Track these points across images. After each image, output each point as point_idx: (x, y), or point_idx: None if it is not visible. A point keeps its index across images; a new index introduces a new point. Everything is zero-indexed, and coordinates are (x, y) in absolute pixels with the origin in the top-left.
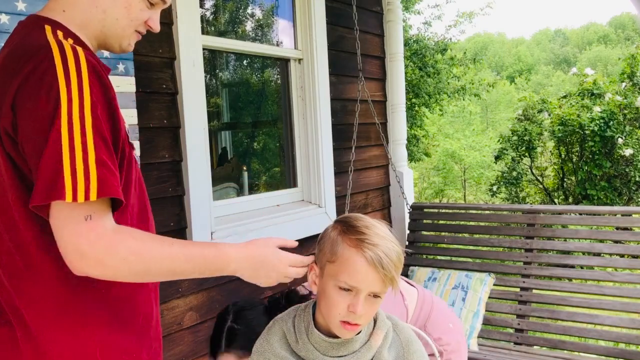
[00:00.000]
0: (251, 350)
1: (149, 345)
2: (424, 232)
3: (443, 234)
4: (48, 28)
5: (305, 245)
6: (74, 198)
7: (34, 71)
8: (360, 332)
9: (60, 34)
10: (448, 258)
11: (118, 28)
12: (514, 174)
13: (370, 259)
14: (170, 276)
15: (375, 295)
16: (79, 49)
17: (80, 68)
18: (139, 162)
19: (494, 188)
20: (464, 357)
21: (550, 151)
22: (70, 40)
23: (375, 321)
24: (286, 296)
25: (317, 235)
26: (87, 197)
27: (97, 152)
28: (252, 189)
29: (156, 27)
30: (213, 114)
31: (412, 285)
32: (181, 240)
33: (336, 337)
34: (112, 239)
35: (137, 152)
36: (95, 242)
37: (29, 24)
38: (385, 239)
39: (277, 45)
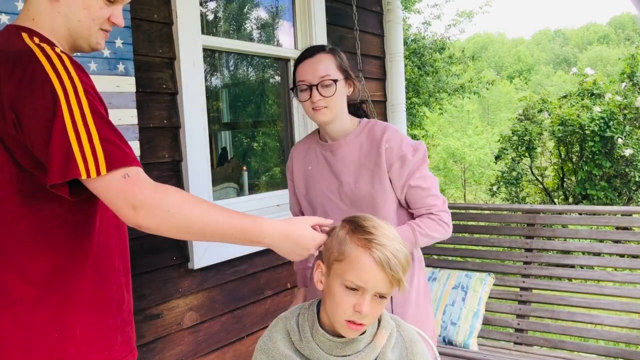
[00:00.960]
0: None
1: (122, 328)
2: None
3: None
4: (25, 35)
5: None
6: (88, 174)
7: (24, 73)
8: (364, 332)
9: (36, 39)
10: (448, 258)
11: (83, 29)
12: (514, 173)
13: (379, 259)
14: (208, 237)
15: (381, 296)
16: (57, 49)
17: (64, 61)
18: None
19: (494, 188)
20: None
21: (550, 151)
22: (46, 44)
23: (379, 321)
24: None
25: None
26: (98, 173)
27: (99, 130)
28: (252, 189)
29: (120, 23)
30: (213, 114)
31: None
32: (220, 206)
33: (340, 336)
34: (155, 191)
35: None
36: (141, 193)
37: (5, 33)
38: (393, 239)
39: (277, 45)
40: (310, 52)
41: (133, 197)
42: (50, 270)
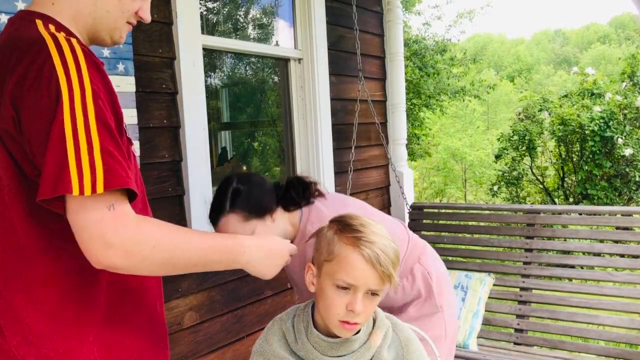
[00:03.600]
0: (256, 213)
1: (153, 343)
2: (424, 232)
3: (443, 234)
4: (39, 22)
5: None
6: (81, 191)
7: (31, 66)
8: (359, 331)
9: (52, 27)
10: (448, 258)
11: (109, 20)
12: (515, 173)
13: (368, 256)
14: (190, 267)
15: (373, 293)
16: (74, 41)
17: (78, 58)
18: (138, 159)
19: (495, 188)
20: (453, 306)
21: (551, 151)
22: (63, 34)
23: (374, 321)
24: (289, 182)
25: None
26: (94, 190)
27: (102, 141)
28: None
29: (147, 18)
30: (213, 114)
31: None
32: (198, 230)
33: (335, 336)
34: (138, 227)
35: (136, 149)
36: (122, 231)
37: (17, 19)
38: (382, 236)
39: (277, 45)
40: (213, 220)
41: (112, 234)
42: (62, 292)
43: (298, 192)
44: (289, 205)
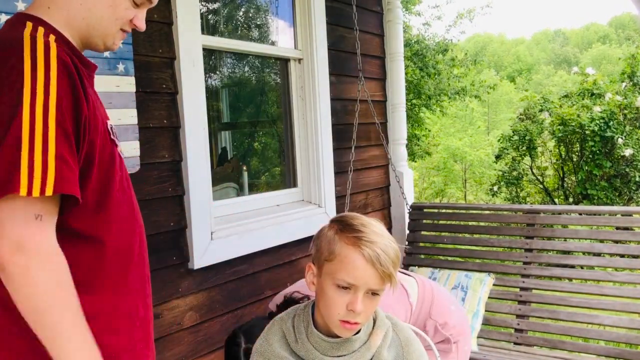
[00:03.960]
0: None
1: (132, 346)
2: (424, 232)
3: (443, 234)
4: (29, 24)
5: (305, 245)
6: (29, 192)
7: (4, 65)
8: (359, 331)
9: (41, 30)
10: (448, 258)
11: (102, 26)
12: (515, 173)
13: (368, 256)
14: (40, 331)
15: (374, 293)
16: (53, 45)
17: (50, 63)
18: (125, 162)
19: (495, 188)
20: (469, 339)
21: (551, 151)
22: (53, 37)
23: (374, 321)
24: (285, 305)
25: None
26: (42, 192)
27: (57, 146)
28: (252, 189)
29: (142, 26)
30: (213, 114)
31: (408, 275)
32: (79, 316)
33: (336, 336)
34: (49, 255)
35: (122, 151)
36: (38, 245)
37: (12, 21)
38: (382, 236)
39: (277, 45)
40: None
41: (28, 237)
42: None
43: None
44: None
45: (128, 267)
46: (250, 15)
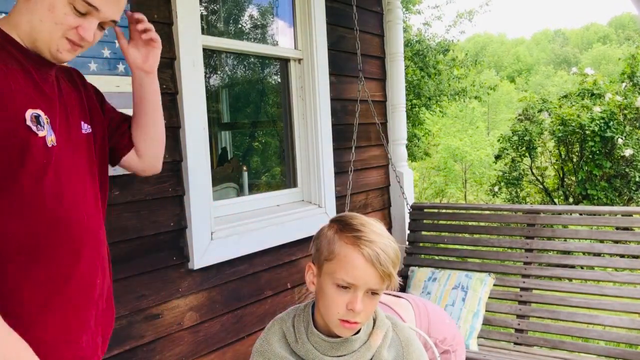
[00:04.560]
0: None
1: (63, 338)
2: (424, 232)
3: (443, 234)
4: None
5: (305, 245)
6: None
7: None
8: (359, 331)
9: None
10: (448, 258)
11: (43, 31)
12: (515, 174)
13: (368, 255)
14: None
15: (374, 292)
16: None
17: None
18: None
19: (495, 188)
20: (463, 346)
21: (550, 151)
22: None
23: (374, 321)
24: None
25: None
26: None
27: None
28: (252, 189)
29: (87, 37)
30: (213, 114)
31: (399, 297)
32: None
33: (335, 336)
34: None
35: (50, 137)
36: None
37: None
38: (382, 236)
39: (277, 45)
40: None
41: None
42: None
43: None
44: None
45: (37, 259)
46: (250, 15)
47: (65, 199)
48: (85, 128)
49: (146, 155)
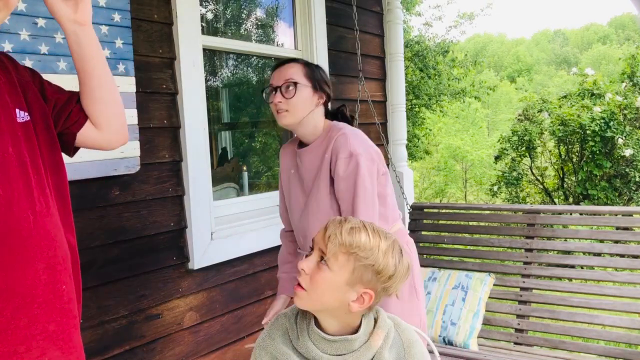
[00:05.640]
0: (316, 85)
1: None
2: (424, 232)
3: (443, 234)
4: None
5: None
6: None
7: None
8: (359, 331)
9: None
10: (448, 258)
11: None
12: (515, 174)
13: (334, 219)
14: None
15: (324, 261)
16: None
17: None
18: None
19: (495, 188)
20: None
21: (550, 151)
22: None
23: (375, 321)
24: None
25: None
26: None
27: None
28: (252, 189)
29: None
30: (213, 114)
31: None
32: None
33: (336, 335)
34: None
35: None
36: None
37: None
38: (367, 229)
39: (277, 45)
40: (284, 61)
41: None
42: None
43: (337, 114)
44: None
45: None
46: (251, 15)
47: (2, 199)
48: (22, 116)
49: (105, 124)
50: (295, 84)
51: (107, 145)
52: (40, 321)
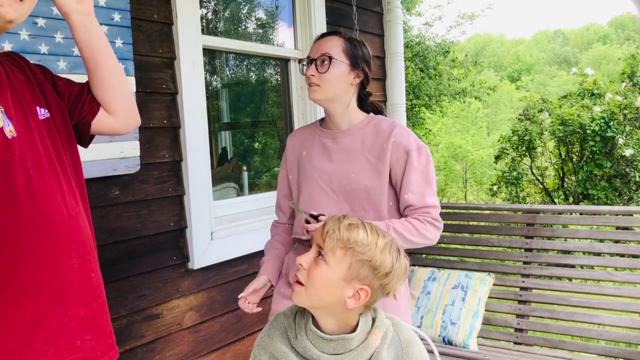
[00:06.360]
0: (353, 61)
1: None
2: None
3: (443, 233)
4: None
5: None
6: None
7: None
8: (357, 330)
9: None
10: (448, 258)
11: None
12: (515, 173)
13: (332, 217)
14: None
15: (323, 257)
16: None
17: None
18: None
19: (495, 188)
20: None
21: (550, 151)
22: None
23: (373, 320)
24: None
25: None
26: None
27: None
28: (252, 189)
29: (4, 13)
30: (213, 114)
31: None
32: None
33: (334, 335)
34: None
35: (8, 128)
36: None
37: None
38: (370, 227)
39: (277, 45)
40: (325, 34)
41: None
42: None
43: (371, 107)
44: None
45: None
46: (251, 15)
47: (38, 193)
48: (42, 113)
49: (118, 110)
50: (331, 58)
51: (123, 129)
52: (74, 307)
